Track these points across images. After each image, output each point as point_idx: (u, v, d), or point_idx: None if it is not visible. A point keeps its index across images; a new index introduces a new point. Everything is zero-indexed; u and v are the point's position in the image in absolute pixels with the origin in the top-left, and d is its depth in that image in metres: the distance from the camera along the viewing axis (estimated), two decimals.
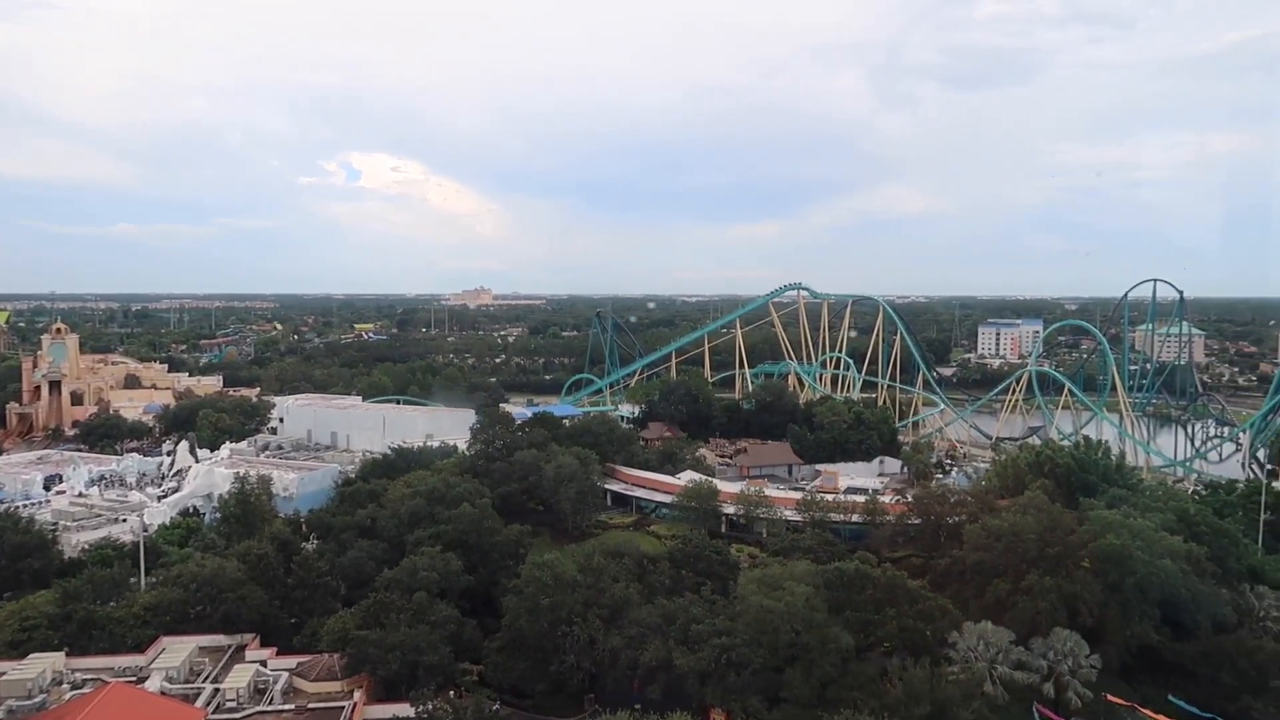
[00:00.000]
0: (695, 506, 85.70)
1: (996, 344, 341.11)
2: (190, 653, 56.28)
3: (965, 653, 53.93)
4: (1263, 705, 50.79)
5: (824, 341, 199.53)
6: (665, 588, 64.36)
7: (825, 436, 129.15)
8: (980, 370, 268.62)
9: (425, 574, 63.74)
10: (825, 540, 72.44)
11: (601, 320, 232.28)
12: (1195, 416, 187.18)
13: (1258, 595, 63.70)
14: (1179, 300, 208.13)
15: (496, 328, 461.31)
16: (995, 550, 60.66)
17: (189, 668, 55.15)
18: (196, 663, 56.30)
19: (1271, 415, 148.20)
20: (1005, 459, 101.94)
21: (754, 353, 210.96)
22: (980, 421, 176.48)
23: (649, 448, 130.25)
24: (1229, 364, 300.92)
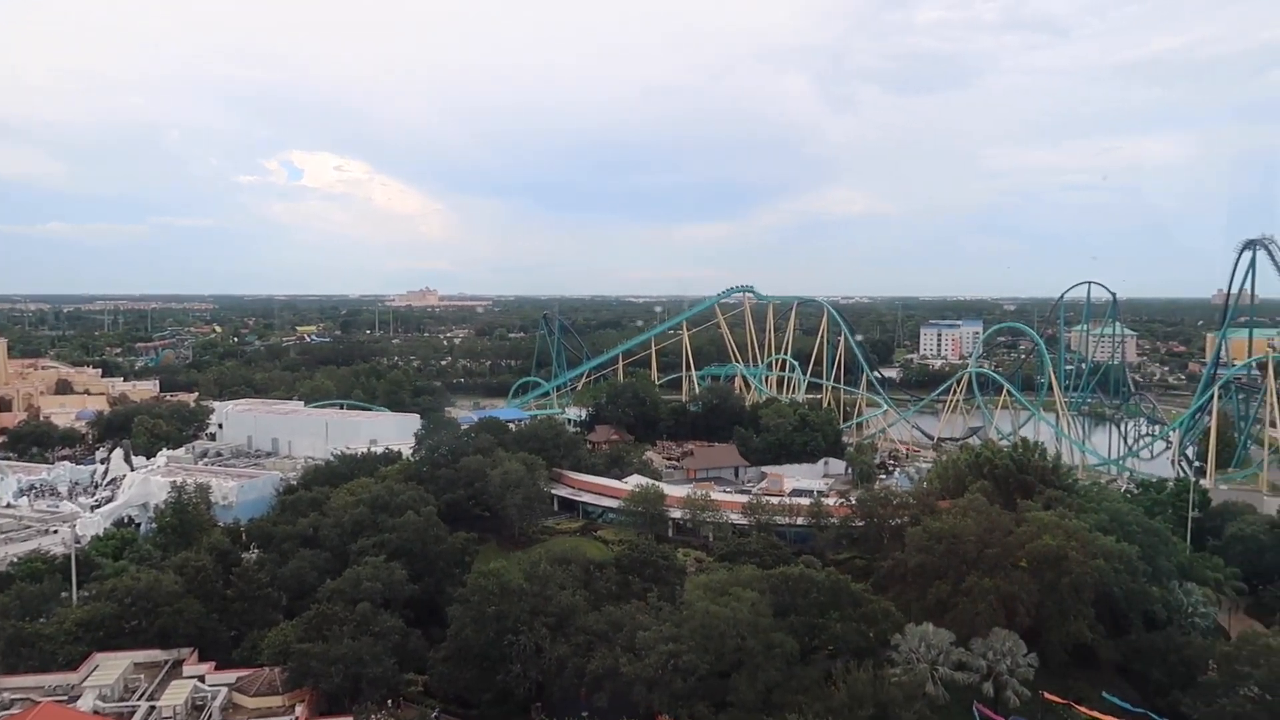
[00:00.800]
0: (642, 511, 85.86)
1: (938, 345, 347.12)
2: (125, 669, 54.88)
3: (908, 654, 54.73)
4: (1191, 700, 52.29)
5: (770, 343, 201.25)
6: (612, 594, 64.44)
7: (771, 439, 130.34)
8: (922, 371, 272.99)
9: (369, 584, 62.91)
10: (771, 544, 73.10)
11: (548, 322, 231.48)
12: (1128, 415, 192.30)
13: (1186, 592, 65.76)
14: (1112, 302, 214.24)
15: (443, 329, 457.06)
16: (936, 552, 61.70)
17: (123, 685, 53.79)
18: (131, 680, 54.91)
19: (1199, 414, 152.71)
20: (946, 460, 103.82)
21: (701, 355, 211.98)
22: (922, 422, 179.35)
23: (596, 451, 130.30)
24: (1160, 363, 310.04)
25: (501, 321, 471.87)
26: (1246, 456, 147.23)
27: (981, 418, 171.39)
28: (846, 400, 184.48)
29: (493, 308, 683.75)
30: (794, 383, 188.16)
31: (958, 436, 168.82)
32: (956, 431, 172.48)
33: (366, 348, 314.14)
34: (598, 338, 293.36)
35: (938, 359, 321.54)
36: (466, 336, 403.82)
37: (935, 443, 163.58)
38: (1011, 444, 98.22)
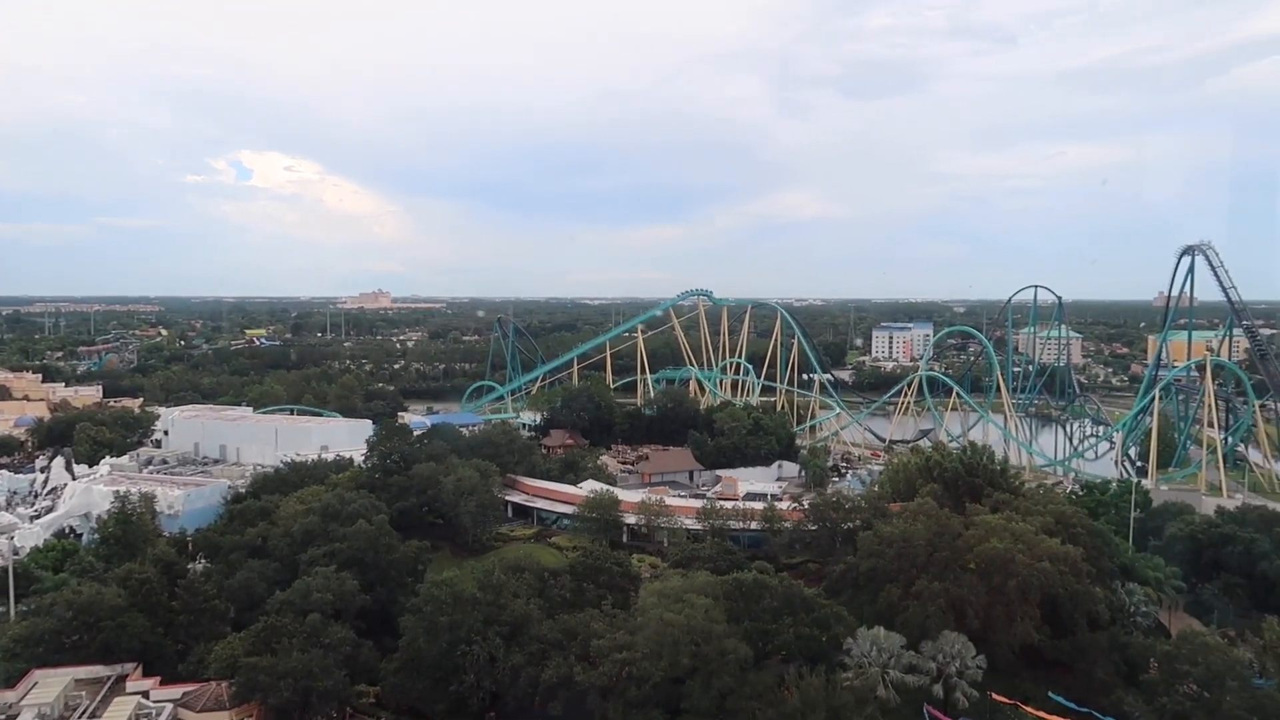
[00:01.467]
0: (597, 517, 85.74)
1: (889, 347, 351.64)
2: (65, 687, 53.48)
3: (859, 658, 55.41)
4: (1133, 698, 53.54)
5: (724, 346, 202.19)
6: (567, 602, 64.21)
7: (725, 442, 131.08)
8: (874, 373, 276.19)
9: (319, 595, 62.03)
10: (725, 549, 73.47)
11: (503, 326, 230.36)
12: (1073, 416, 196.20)
13: (1128, 592, 67.37)
14: (1058, 305, 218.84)
15: (395, 332, 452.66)
16: (887, 556, 62.50)
17: (64, 703, 52.43)
18: (72, 697, 53.53)
19: (1142, 415, 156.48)
20: (897, 464, 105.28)
21: (656, 358, 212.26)
22: (874, 424, 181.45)
23: (551, 455, 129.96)
24: (1104, 365, 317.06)
25: (455, 324, 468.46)
26: (1186, 457, 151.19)
27: (932, 420, 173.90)
28: (800, 403, 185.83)
29: (446, 310, 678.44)
30: (748, 386, 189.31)
31: (909, 438, 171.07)
32: (908, 433, 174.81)
33: (318, 351, 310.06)
34: (552, 340, 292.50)
35: (889, 361, 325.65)
36: (420, 340, 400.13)
37: (887, 445, 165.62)
38: (961, 447, 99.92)
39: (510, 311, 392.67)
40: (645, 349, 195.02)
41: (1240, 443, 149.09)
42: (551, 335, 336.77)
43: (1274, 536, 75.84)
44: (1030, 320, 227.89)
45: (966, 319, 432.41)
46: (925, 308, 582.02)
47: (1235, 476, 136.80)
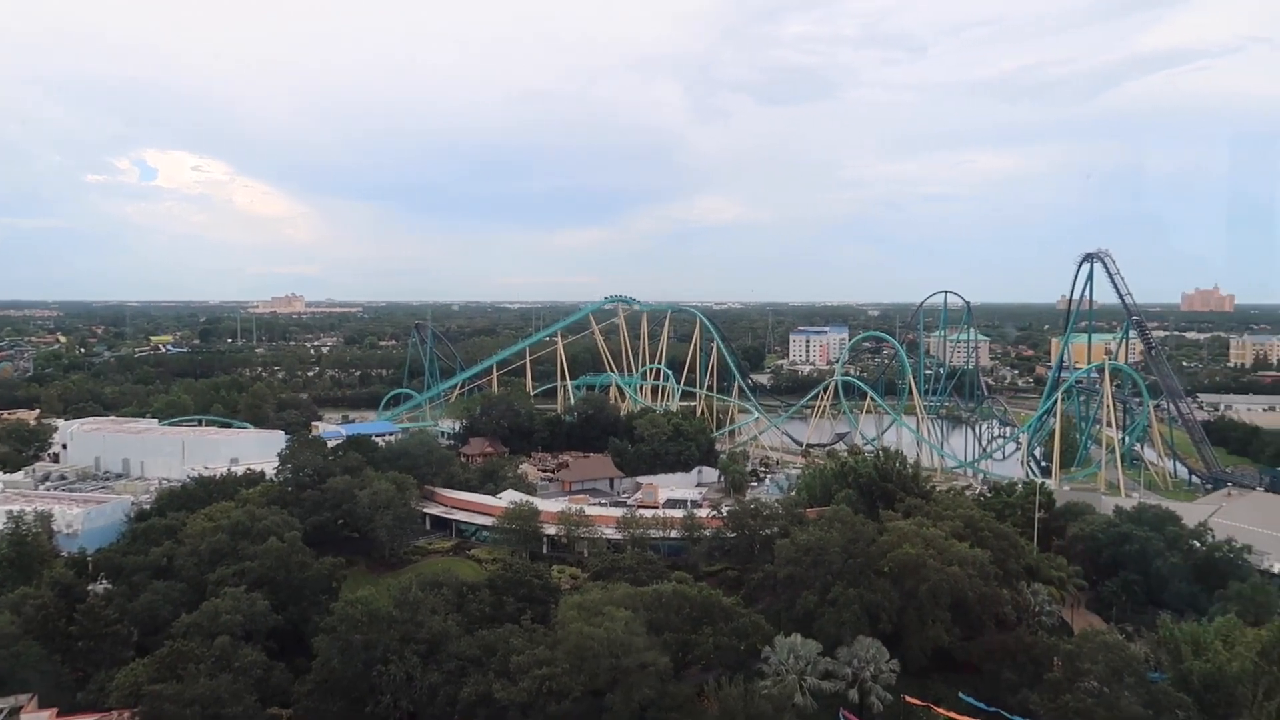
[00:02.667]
0: (516, 529, 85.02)
1: (807, 351, 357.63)
2: None
3: (777, 666, 56.10)
4: (1038, 697, 55.31)
5: (644, 352, 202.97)
6: (486, 616, 63.62)
7: (645, 449, 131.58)
8: (792, 377, 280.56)
9: (228, 616, 60.15)
10: (645, 559, 73.69)
11: (420, 331, 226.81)
12: (982, 417, 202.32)
13: (1033, 592, 69.64)
14: (966, 309, 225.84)
15: (309, 337, 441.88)
16: (804, 564, 63.52)
17: None
18: None
19: (1046, 416, 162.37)
20: (813, 470, 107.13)
21: (576, 363, 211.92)
22: (792, 428, 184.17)
23: (470, 464, 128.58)
24: (1010, 366, 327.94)
25: (372, 329, 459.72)
26: (1088, 457, 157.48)
27: (848, 423, 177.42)
28: (719, 407, 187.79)
29: (363, 314, 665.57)
30: (668, 391, 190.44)
31: (825, 442, 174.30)
32: (825, 437, 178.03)
33: (227, 358, 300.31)
34: (472, 345, 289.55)
35: (806, 365, 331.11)
36: (335, 345, 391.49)
37: (804, 449, 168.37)
38: (875, 452, 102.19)
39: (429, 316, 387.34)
40: (566, 355, 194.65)
41: (1137, 442, 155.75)
42: (471, 340, 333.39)
43: (1167, 535, 79.41)
44: (941, 324, 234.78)
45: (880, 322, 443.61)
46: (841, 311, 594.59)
47: (1132, 475, 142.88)
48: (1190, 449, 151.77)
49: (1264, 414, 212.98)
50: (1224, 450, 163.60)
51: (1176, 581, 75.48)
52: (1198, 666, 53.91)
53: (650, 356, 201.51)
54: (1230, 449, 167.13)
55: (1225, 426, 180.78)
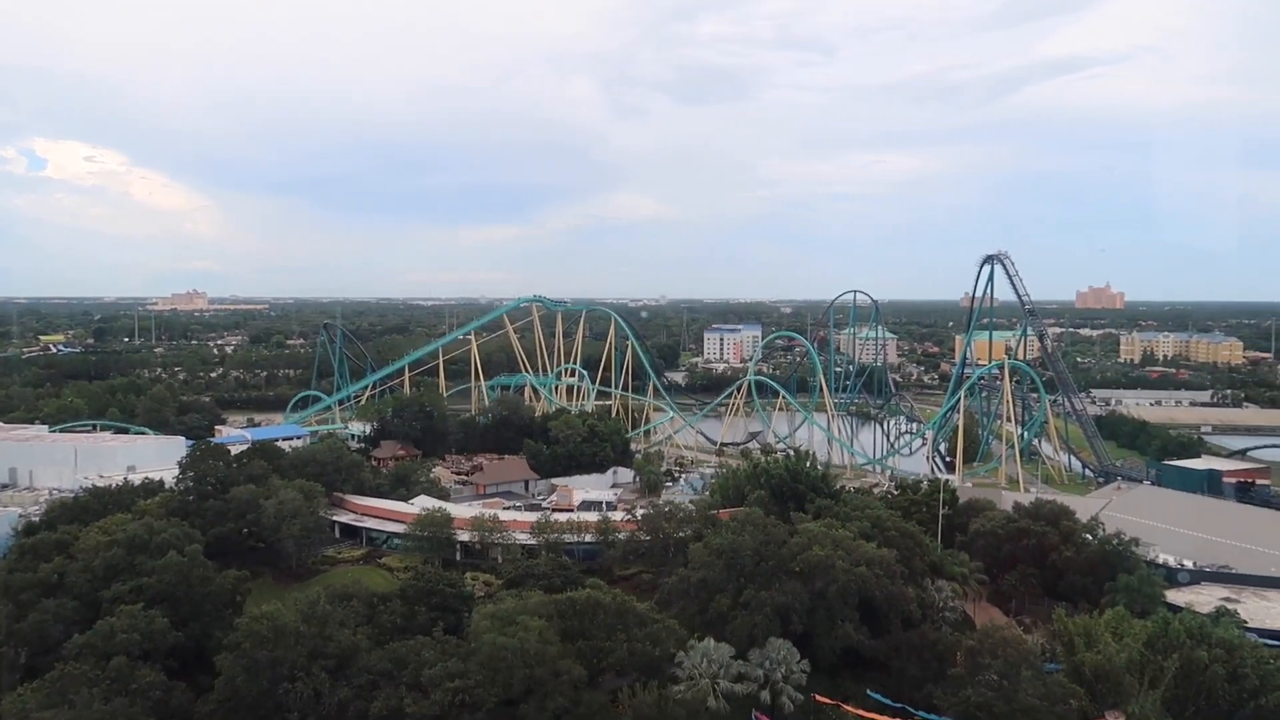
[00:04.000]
0: (429, 536, 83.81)
1: (721, 349, 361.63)
2: None
3: (690, 670, 56.55)
4: (942, 692, 57.06)
5: (559, 351, 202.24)
6: (397, 628, 62.60)
7: (561, 450, 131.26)
8: (706, 375, 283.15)
9: (124, 636, 57.76)
10: (559, 565, 73.55)
11: (329, 331, 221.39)
12: (889, 414, 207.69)
13: (937, 589, 71.73)
14: (874, 307, 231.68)
15: (212, 336, 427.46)
16: (717, 567, 64.23)
17: None
18: None
19: (950, 413, 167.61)
20: (726, 471, 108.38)
21: (491, 363, 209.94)
22: (706, 427, 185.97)
23: (381, 468, 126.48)
24: (916, 363, 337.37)
25: (279, 327, 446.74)
26: (989, 452, 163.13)
27: (761, 422, 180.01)
28: (634, 407, 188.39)
29: (269, 312, 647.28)
30: (583, 391, 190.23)
31: (739, 441, 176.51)
32: (738, 436, 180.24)
33: (124, 359, 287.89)
34: (383, 345, 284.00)
35: (720, 363, 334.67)
36: (240, 344, 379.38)
37: (718, 448, 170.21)
38: (786, 453, 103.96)
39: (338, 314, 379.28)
40: (480, 355, 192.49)
41: (1035, 438, 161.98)
42: (382, 339, 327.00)
43: (1062, 530, 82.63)
44: (850, 321, 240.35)
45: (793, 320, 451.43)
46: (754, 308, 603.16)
47: (1030, 470, 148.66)
48: (1084, 443, 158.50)
49: (1151, 408, 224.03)
50: (1115, 444, 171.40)
51: (1071, 574, 78.73)
52: (1089, 658, 56.40)
53: (566, 356, 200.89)
54: (1120, 442, 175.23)
55: (1116, 421, 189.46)
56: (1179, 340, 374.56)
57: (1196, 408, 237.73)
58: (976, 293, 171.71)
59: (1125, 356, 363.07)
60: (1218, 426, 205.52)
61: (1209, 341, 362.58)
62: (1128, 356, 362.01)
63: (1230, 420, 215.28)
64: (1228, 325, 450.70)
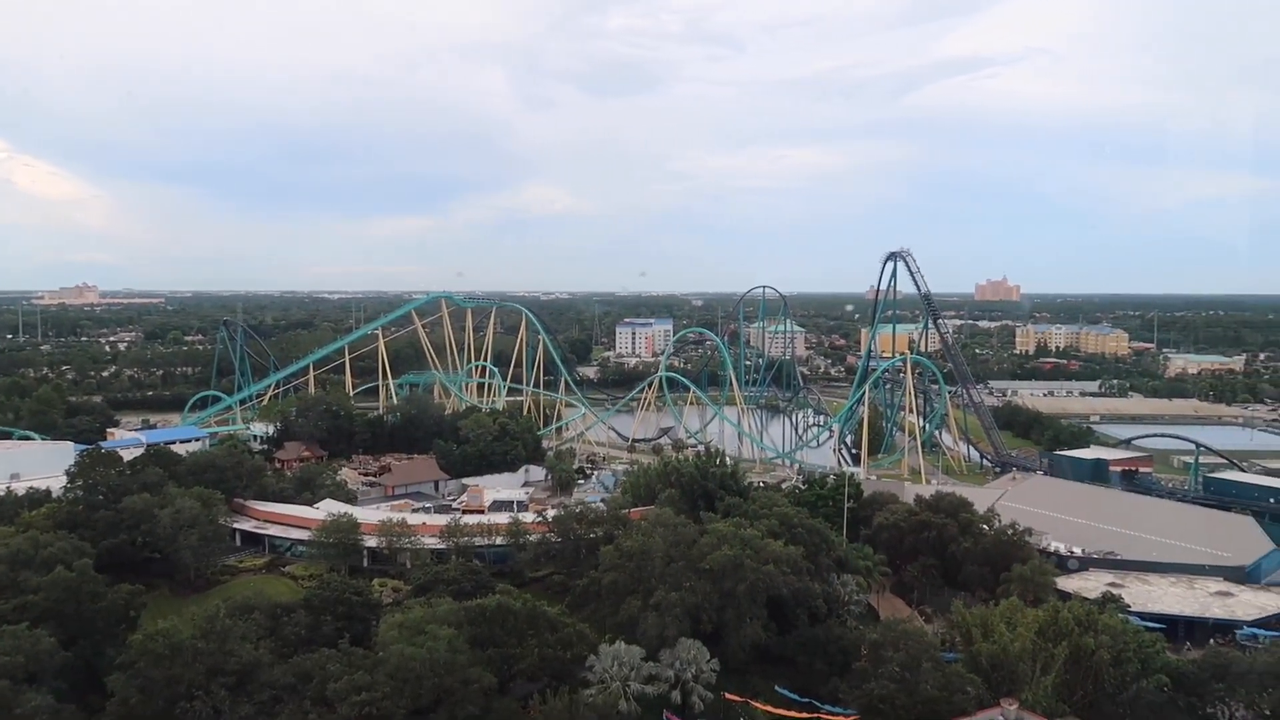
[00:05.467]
0: (334, 542, 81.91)
1: (633, 343, 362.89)
2: None
3: (601, 673, 56.73)
4: (846, 686, 58.60)
5: (469, 348, 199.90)
6: (302, 639, 61.18)
7: (471, 449, 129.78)
8: (619, 370, 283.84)
9: (7, 657, 54.83)
10: (469, 569, 72.76)
11: (229, 327, 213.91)
12: (798, 407, 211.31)
13: (843, 583, 73.66)
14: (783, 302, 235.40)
15: (104, 333, 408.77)
16: (628, 569, 64.56)
17: None
18: None
19: (856, 406, 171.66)
20: (637, 469, 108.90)
21: (399, 360, 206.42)
22: (618, 422, 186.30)
23: (286, 470, 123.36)
24: (824, 356, 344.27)
25: (177, 323, 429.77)
26: (893, 444, 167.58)
27: (672, 417, 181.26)
28: (546, 403, 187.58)
29: (166, 306, 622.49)
30: (494, 388, 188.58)
31: (651, 437, 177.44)
32: (650, 431, 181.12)
33: (6, 358, 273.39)
34: (287, 341, 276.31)
35: (633, 357, 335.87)
36: (134, 341, 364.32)
37: (630, 444, 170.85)
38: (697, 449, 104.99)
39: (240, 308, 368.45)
40: (388, 351, 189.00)
41: (936, 429, 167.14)
42: (286, 335, 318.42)
43: (960, 521, 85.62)
44: (759, 315, 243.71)
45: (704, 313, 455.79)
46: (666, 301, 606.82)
47: (932, 461, 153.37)
48: (982, 434, 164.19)
49: (1044, 399, 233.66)
50: (1011, 434, 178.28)
51: (969, 564, 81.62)
52: (985, 648, 58.60)
53: (476, 353, 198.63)
54: (1016, 433, 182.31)
55: (1011, 411, 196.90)
56: (1070, 332, 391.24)
57: (1086, 398, 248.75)
58: (881, 284, 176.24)
59: (1021, 348, 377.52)
60: (1105, 416, 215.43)
61: (1097, 333, 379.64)
62: (1023, 348, 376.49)
63: (1117, 410, 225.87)
64: (1114, 317, 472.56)
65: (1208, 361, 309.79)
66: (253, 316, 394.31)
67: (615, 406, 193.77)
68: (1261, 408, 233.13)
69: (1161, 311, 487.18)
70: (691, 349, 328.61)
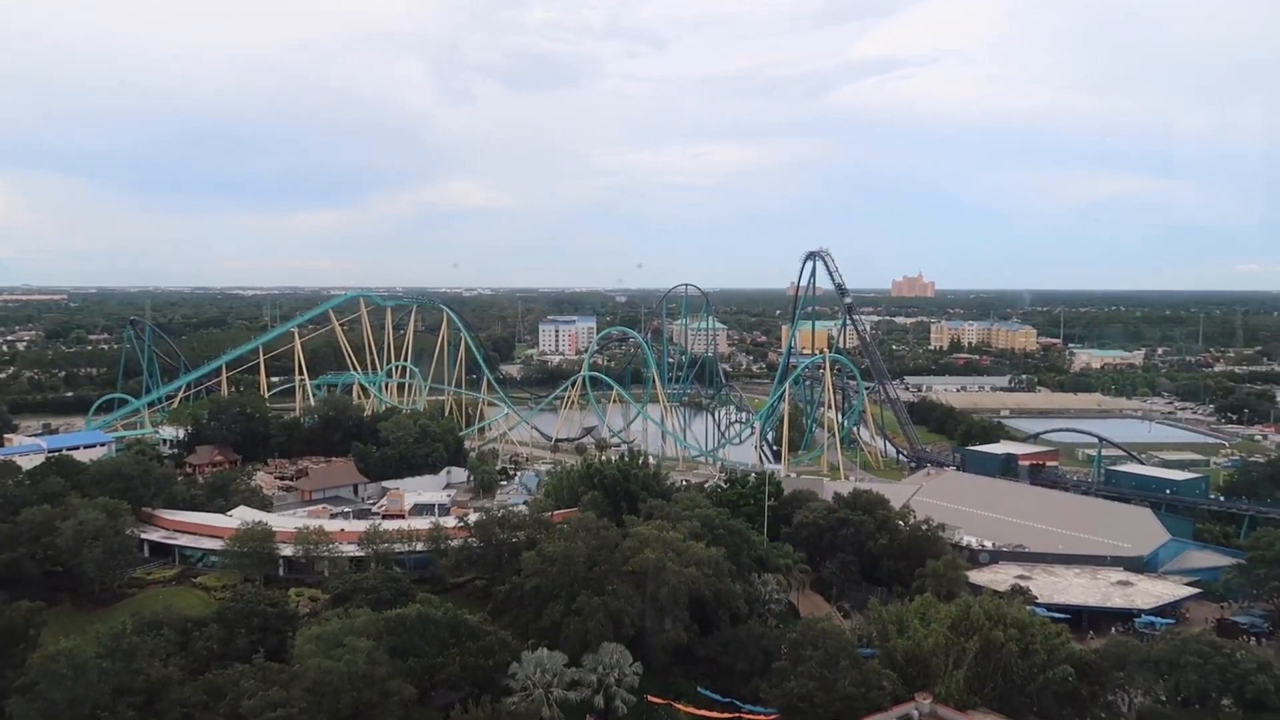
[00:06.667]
0: (249, 551, 79.67)
1: (556, 341, 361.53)
2: None
3: (524, 680, 56.51)
4: (767, 685, 59.44)
5: (389, 347, 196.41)
6: (214, 654, 59.47)
7: (392, 452, 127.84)
8: (542, 368, 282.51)
9: None
10: (389, 577, 71.56)
11: (137, 326, 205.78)
12: (720, 404, 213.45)
13: (763, 582, 74.69)
14: (705, 300, 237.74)
15: (1, 332, 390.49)
16: (550, 574, 64.37)
17: None
18: None
19: (778, 402, 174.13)
20: (560, 471, 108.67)
21: (317, 359, 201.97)
22: (542, 421, 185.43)
23: (197, 475, 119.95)
24: (746, 353, 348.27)
25: (80, 320, 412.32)
26: (813, 440, 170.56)
27: (596, 416, 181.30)
28: (468, 403, 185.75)
29: (68, 303, 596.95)
30: (415, 389, 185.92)
31: (574, 436, 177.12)
32: (574, 431, 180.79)
33: None
34: (199, 341, 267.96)
35: (556, 355, 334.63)
36: (33, 341, 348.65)
37: (553, 444, 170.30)
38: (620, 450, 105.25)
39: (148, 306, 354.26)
40: (305, 351, 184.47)
41: (855, 425, 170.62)
42: (197, 333, 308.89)
43: (877, 518, 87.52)
44: (682, 312, 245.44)
45: (628, 309, 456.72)
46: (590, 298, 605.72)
47: (850, 456, 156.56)
48: (899, 429, 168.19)
49: (958, 394, 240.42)
50: (926, 429, 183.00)
51: (886, 561, 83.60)
52: (900, 644, 60.13)
53: (396, 352, 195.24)
54: (931, 428, 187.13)
55: (926, 407, 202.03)
56: (982, 328, 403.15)
57: (997, 392, 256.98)
58: (801, 282, 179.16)
59: (935, 344, 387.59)
60: (1015, 410, 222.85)
61: (1007, 329, 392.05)
62: (938, 344, 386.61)
63: (1025, 404, 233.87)
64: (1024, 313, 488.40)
65: (1110, 357, 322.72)
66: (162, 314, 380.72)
67: (539, 406, 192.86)
68: (1159, 401, 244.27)
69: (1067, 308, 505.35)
70: (615, 346, 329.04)
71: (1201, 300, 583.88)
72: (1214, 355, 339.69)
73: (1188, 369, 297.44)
